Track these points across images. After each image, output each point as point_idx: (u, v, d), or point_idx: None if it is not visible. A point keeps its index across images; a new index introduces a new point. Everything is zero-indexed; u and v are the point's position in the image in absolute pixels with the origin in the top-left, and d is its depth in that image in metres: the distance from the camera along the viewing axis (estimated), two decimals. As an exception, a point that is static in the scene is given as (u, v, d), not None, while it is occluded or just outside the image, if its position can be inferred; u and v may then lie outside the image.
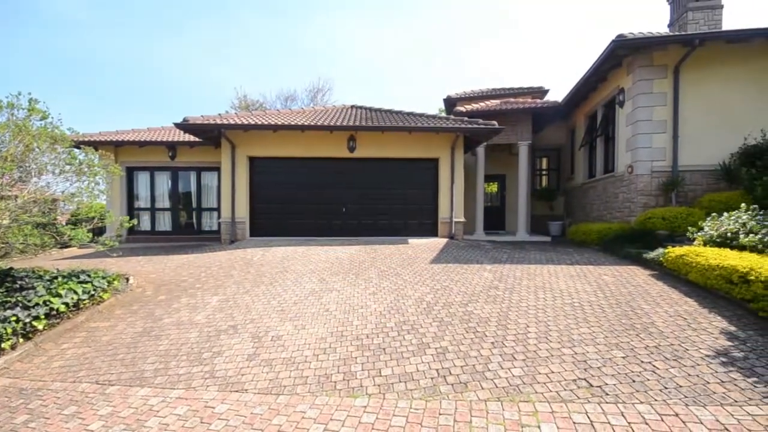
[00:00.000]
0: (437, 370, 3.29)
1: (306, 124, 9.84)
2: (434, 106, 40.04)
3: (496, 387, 2.97)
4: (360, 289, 5.72)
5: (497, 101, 13.18)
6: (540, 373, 3.14)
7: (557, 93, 31.38)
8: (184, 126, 9.60)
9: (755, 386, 2.79)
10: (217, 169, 11.90)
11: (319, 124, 9.87)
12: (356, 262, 7.36)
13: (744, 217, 5.55)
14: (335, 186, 10.66)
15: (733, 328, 3.76)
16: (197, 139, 11.17)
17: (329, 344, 3.92)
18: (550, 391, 2.88)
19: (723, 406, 2.58)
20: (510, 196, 14.11)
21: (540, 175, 14.97)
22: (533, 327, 4.05)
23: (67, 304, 4.91)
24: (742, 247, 5.10)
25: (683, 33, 9.08)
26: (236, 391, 3.16)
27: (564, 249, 8.84)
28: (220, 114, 10.87)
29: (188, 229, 12.66)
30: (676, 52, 8.36)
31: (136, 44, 45.70)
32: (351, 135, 10.42)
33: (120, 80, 47.93)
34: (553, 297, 4.98)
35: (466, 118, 10.75)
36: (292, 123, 9.88)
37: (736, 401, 2.62)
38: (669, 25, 11.05)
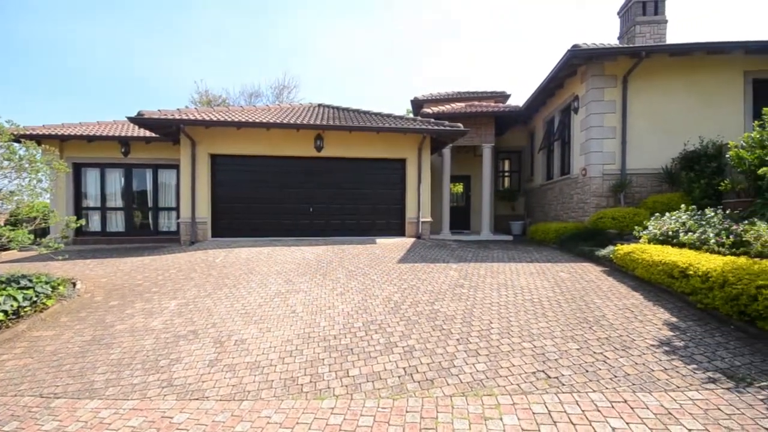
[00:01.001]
0: (404, 368, 3.32)
1: (272, 122, 9.60)
2: (401, 107, 40.46)
3: (461, 382, 3.05)
4: (327, 289, 5.67)
5: (462, 104, 13.52)
6: (502, 367, 3.26)
7: (518, 98, 32.70)
8: (139, 121, 9.06)
9: (695, 373, 3.05)
10: (176, 167, 11.34)
11: (285, 122, 9.67)
12: (324, 263, 7.28)
13: (683, 217, 6.06)
14: (302, 185, 10.49)
15: (674, 320, 4.09)
16: (154, 135, 10.58)
17: (296, 346, 3.85)
18: (512, 384, 3.00)
19: (666, 391, 2.81)
20: (475, 196, 14.52)
21: (503, 177, 15.53)
22: (496, 323, 4.20)
23: (5, 312, 4.50)
24: (682, 245, 5.56)
25: (631, 45, 9.77)
26: (196, 399, 3.03)
27: (525, 248, 9.22)
28: (179, 109, 10.37)
29: (144, 229, 11.97)
30: (625, 63, 8.97)
31: (79, 29, 42.53)
32: (318, 134, 10.29)
33: (67, 72, 44.43)
34: (515, 294, 5.19)
35: (432, 120, 10.94)
36: (257, 120, 9.61)
37: (678, 387, 2.86)
38: (619, 38, 11.82)
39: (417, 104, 15.40)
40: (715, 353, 3.33)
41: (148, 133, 10.76)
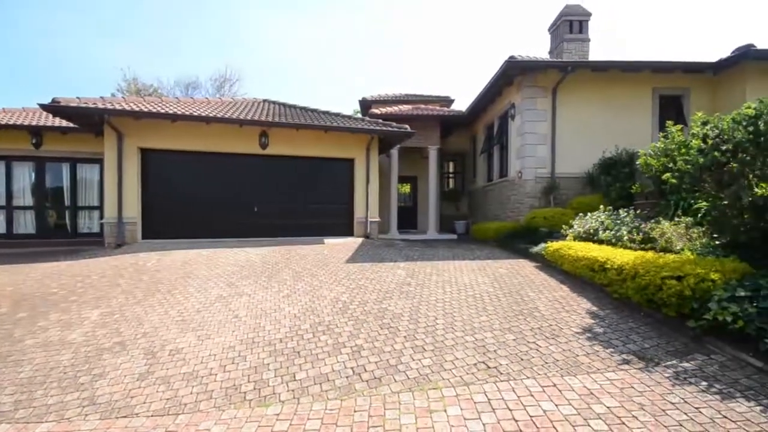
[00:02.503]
0: (352, 368, 3.33)
1: (212, 116, 9.07)
2: (347, 107, 40.32)
3: (408, 378, 3.13)
4: (273, 292, 5.49)
5: (409, 106, 13.83)
6: (447, 361, 3.39)
7: (461, 103, 34.22)
8: (54, 109, 8.05)
9: (612, 356, 3.42)
10: (99, 161, 10.26)
11: (227, 117, 9.19)
12: (269, 264, 7.04)
13: (602, 217, 6.77)
14: (246, 184, 10.03)
15: (595, 309, 4.56)
16: (72, 125, 9.47)
17: (238, 353, 3.68)
18: (455, 376, 3.14)
19: (589, 374, 3.12)
20: (421, 197, 14.93)
21: (448, 178, 16.15)
22: (441, 319, 4.37)
23: None
24: (601, 241, 6.20)
25: (560, 60, 10.69)
26: (124, 417, 2.77)
27: (468, 246, 9.68)
28: (102, 97, 9.39)
29: (60, 231, 10.66)
30: (554, 76, 9.79)
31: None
32: (263, 131, 9.91)
33: (-44, 45, 37.99)
34: (458, 290, 5.43)
35: (380, 121, 11.06)
36: (196, 114, 9.01)
37: (598, 369, 3.19)
38: (549, 52, 12.87)
39: (365, 105, 15.47)
40: (629, 337, 3.77)
41: (65, 123, 9.60)
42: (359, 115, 16.27)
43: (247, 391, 3.05)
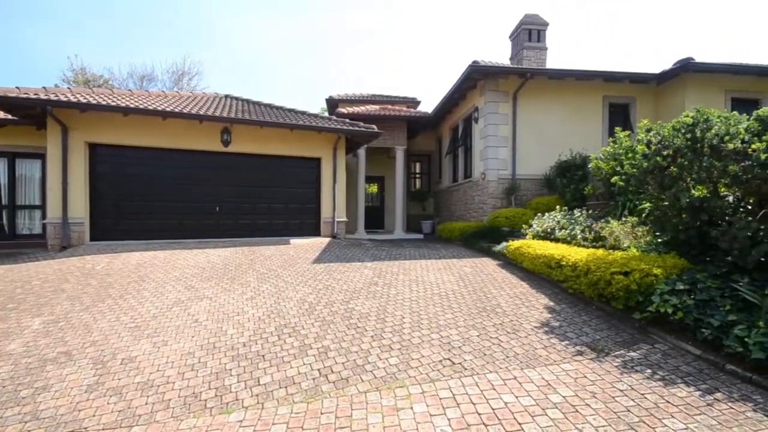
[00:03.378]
0: (319, 369, 3.29)
1: (169, 110, 8.61)
2: (313, 106, 39.79)
3: (375, 378, 3.15)
4: (236, 294, 5.31)
5: (377, 107, 13.87)
6: (413, 359, 3.44)
7: (427, 105, 34.84)
8: (-14, 98, 7.31)
9: (567, 348, 3.62)
10: (41, 156, 9.44)
11: (186, 111, 8.76)
12: (232, 266, 6.80)
13: (558, 217, 7.14)
14: (207, 182, 9.61)
15: (552, 303, 4.80)
16: (10, 117, 8.65)
17: (198, 359, 3.53)
18: (422, 373, 3.19)
19: (546, 366, 3.28)
20: (388, 196, 15.02)
21: (414, 178, 16.36)
22: (408, 317, 4.42)
23: None
24: (557, 240, 6.54)
25: (520, 66, 11.15)
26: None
27: (434, 245, 9.86)
28: (45, 87, 8.65)
29: (-7, 233, 9.68)
30: (515, 82, 10.21)
31: None
32: (225, 127, 9.55)
33: None
34: (425, 289, 5.52)
35: (348, 120, 11.01)
36: (150, 107, 8.52)
37: (555, 361, 3.36)
38: (510, 59, 13.37)
39: (332, 103, 15.34)
40: (582, 330, 4.01)
41: (2, 115, 8.74)
42: (326, 114, 16.10)
43: (208, 398, 2.93)
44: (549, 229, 6.92)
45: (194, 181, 9.50)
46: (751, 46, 40.44)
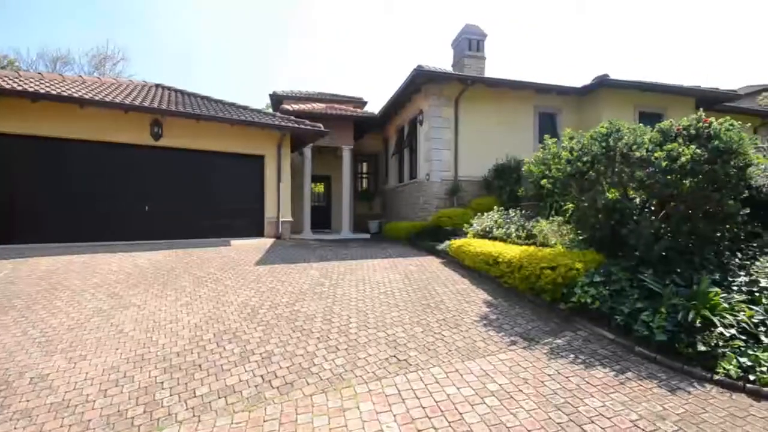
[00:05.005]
0: (262, 376, 3.18)
1: (87, 97, 7.74)
2: (253, 101, 38.17)
3: (322, 380, 3.11)
4: (169, 300, 4.92)
5: (323, 105, 13.68)
6: (360, 359, 3.46)
7: (373, 105, 35.07)
8: None
9: (503, 338, 3.87)
10: None
11: (107, 100, 7.93)
12: (164, 270, 6.28)
13: (496, 216, 7.60)
14: (134, 179, 8.78)
15: (490, 298, 5.10)
16: None
17: (124, 373, 3.22)
18: (368, 372, 3.22)
19: (485, 357, 3.48)
20: (335, 196, 14.89)
21: (361, 178, 16.40)
22: (354, 317, 4.43)
23: None
24: (495, 238, 6.96)
25: (461, 74, 11.70)
26: (-38, 468, 2.21)
27: (380, 245, 9.97)
28: None
29: None
30: (457, 88, 10.68)
31: None
32: (156, 119, 8.79)
33: None
34: (371, 288, 5.57)
35: (293, 118, 10.72)
36: (65, 94, 7.58)
37: (492, 352, 3.58)
38: (452, 65, 13.97)
39: (276, 99, 14.85)
40: (516, 321, 4.32)
41: None
42: (270, 110, 15.53)
43: (135, 415, 2.68)
44: (488, 228, 7.34)
45: (119, 177, 8.63)
46: (659, 66, 46.50)
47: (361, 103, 16.01)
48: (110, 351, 3.59)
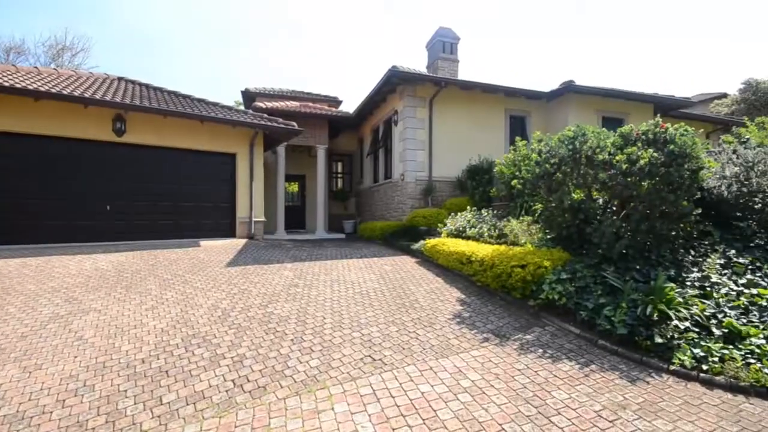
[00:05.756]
0: (233, 380, 3.09)
1: (43, 90, 7.26)
2: (224, 98, 37.11)
3: (296, 382, 3.07)
4: (133, 304, 4.70)
5: (297, 103, 13.48)
6: (334, 359, 3.44)
7: (348, 105, 34.91)
8: None
9: (476, 336, 3.96)
10: None
11: (66, 93, 7.47)
12: (127, 273, 6.00)
13: (469, 216, 7.76)
14: (94, 178, 8.33)
15: (463, 296, 5.20)
16: None
17: (83, 382, 3.05)
18: (343, 373, 3.21)
19: (458, 354, 3.55)
20: (310, 196, 14.71)
21: (336, 178, 16.28)
22: (329, 318, 4.39)
23: None
24: (468, 238, 7.10)
25: (435, 75, 11.85)
26: None
27: (355, 245, 9.94)
28: None
29: None
30: (431, 89, 10.81)
31: None
32: (118, 114, 8.38)
33: None
34: (346, 288, 5.54)
35: (266, 116, 10.49)
36: (18, 86, 7.09)
37: (465, 349, 3.65)
38: (427, 67, 14.12)
39: (248, 96, 14.51)
40: (488, 318, 4.43)
41: None
42: (242, 107, 15.13)
43: (97, 426, 2.55)
44: (461, 228, 7.47)
45: (78, 175, 8.17)
46: (624, 74, 48.87)
47: (336, 102, 15.88)
48: (68, 359, 3.39)
